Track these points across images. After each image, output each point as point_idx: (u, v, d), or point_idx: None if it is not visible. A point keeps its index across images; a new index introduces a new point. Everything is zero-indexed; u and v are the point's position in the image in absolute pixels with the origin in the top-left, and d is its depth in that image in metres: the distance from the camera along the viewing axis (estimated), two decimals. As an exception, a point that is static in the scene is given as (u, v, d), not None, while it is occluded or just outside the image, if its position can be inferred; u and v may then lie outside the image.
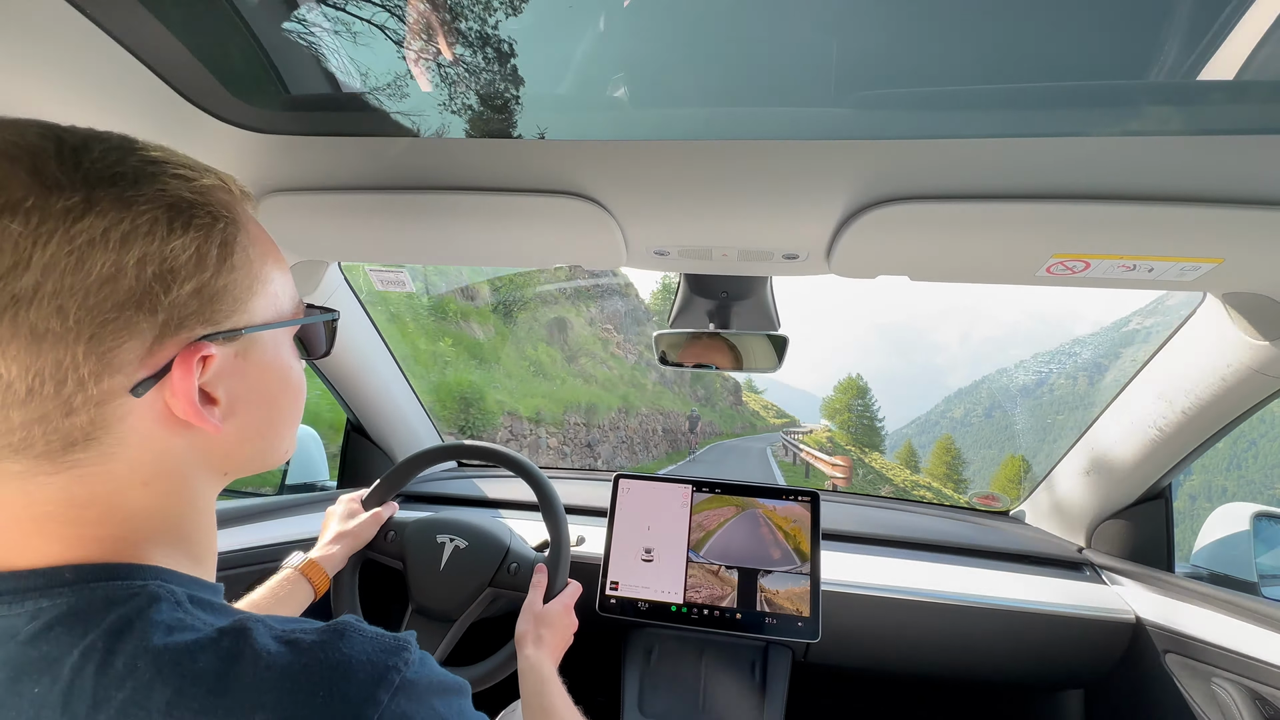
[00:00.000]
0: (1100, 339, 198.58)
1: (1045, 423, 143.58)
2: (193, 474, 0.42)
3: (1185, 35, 0.54)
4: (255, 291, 0.43)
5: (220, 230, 0.39)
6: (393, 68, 0.67)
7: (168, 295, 0.36)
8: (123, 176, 0.36)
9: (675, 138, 0.67)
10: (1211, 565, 1.21)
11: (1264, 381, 0.92)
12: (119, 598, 0.35)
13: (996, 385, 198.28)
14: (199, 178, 0.39)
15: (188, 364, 0.38)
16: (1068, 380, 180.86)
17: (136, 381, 0.36)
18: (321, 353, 0.56)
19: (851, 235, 0.76)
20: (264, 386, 0.45)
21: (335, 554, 0.95)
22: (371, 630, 0.39)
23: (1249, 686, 0.92)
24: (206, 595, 0.40)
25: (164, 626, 0.35)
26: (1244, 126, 0.60)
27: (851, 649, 1.24)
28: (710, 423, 34.05)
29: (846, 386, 66.05)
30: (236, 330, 0.41)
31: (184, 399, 0.38)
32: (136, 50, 0.60)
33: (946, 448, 65.11)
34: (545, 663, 0.84)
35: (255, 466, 0.47)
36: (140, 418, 0.37)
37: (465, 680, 0.42)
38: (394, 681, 0.36)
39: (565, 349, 19.04)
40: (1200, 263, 0.73)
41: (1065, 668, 1.23)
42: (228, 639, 0.35)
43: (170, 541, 0.40)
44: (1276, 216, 0.65)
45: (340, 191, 0.80)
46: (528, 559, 1.03)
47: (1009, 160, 0.65)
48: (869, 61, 0.61)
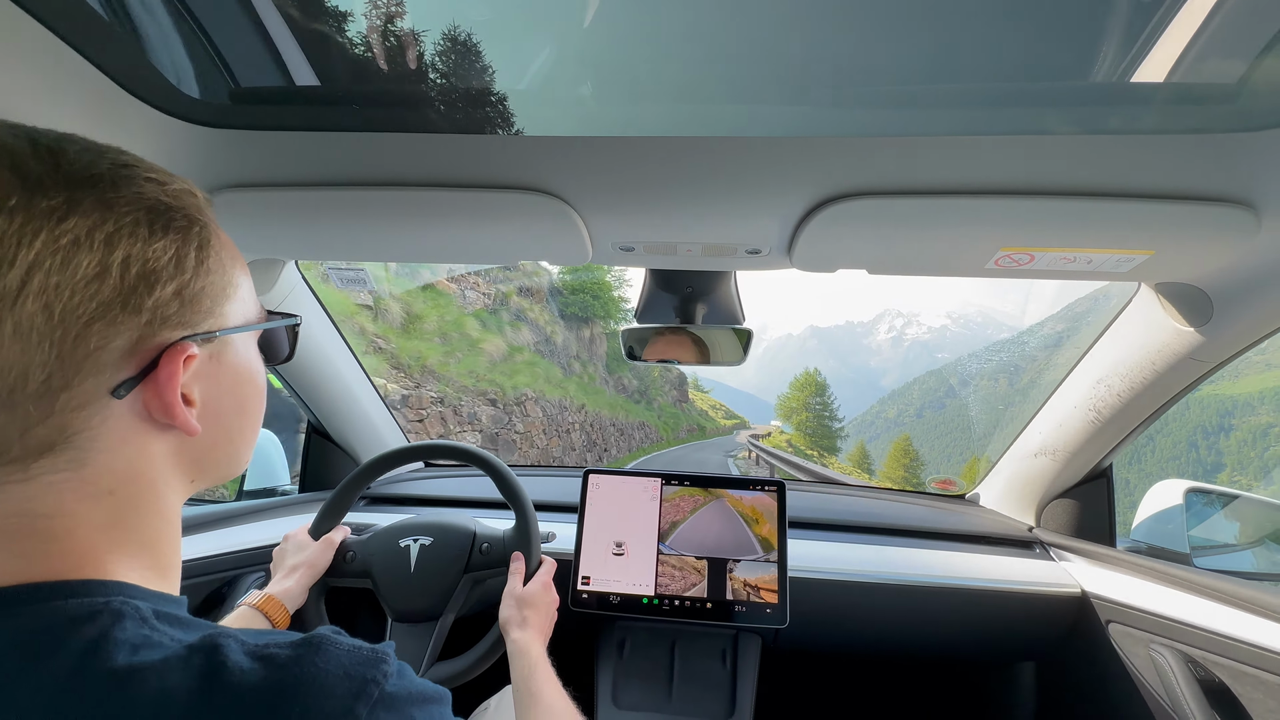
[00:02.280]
0: (1017, 343, 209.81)
1: (968, 420, 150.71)
2: (162, 481, 0.41)
3: (1121, 39, 0.58)
4: (228, 295, 0.43)
5: (196, 233, 0.40)
6: (349, 59, 0.65)
7: (151, 296, 0.37)
8: (101, 178, 0.36)
9: (639, 134, 0.68)
10: (1149, 539, 1.29)
11: (1193, 366, 0.98)
12: (81, 616, 0.34)
13: (926, 386, 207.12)
14: (171, 182, 0.40)
15: (174, 363, 0.38)
16: (989, 381, 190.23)
17: (119, 382, 0.36)
18: (283, 358, 0.56)
19: (811, 230, 0.78)
20: (236, 389, 0.46)
21: (292, 588, 0.91)
22: (349, 642, 0.38)
23: (1183, 650, 0.99)
24: (172, 610, 0.39)
25: (129, 645, 0.34)
26: (1173, 126, 0.64)
27: (818, 633, 1.27)
28: (643, 425, 24.70)
29: (804, 383, 59.30)
30: (212, 332, 0.41)
31: (169, 399, 0.38)
32: (69, 38, 0.58)
33: (905, 449, 57.51)
34: (533, 645, 0.84)
35: (221, 473, 0.47)
36: (119, 420, 0.37)
37: (445, 689, 0.42)
38: (372, 695, 0.36)
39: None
40: (1134, 254, 0.77)
41: (1018, 641, 1.29)
42: (198, 656, 0.34)
43: (134, 553, 0.40)
44: (1202, 210, 0.70)
45: (296, 188, 0.78)
46: (497, 536, 1.02)
47: (960, 157, 0.68)
48: (828, 60, 0.63)
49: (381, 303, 10.16)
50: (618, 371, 24.03)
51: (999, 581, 1.22)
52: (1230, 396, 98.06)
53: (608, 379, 22.68)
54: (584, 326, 21.28)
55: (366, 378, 1.46)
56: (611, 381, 23.52)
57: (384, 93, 0.69)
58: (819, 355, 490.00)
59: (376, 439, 1.52)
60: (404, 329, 10.82)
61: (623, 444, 20.00)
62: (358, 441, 1.49)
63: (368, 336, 9.20)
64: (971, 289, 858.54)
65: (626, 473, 1.27)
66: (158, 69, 0.65)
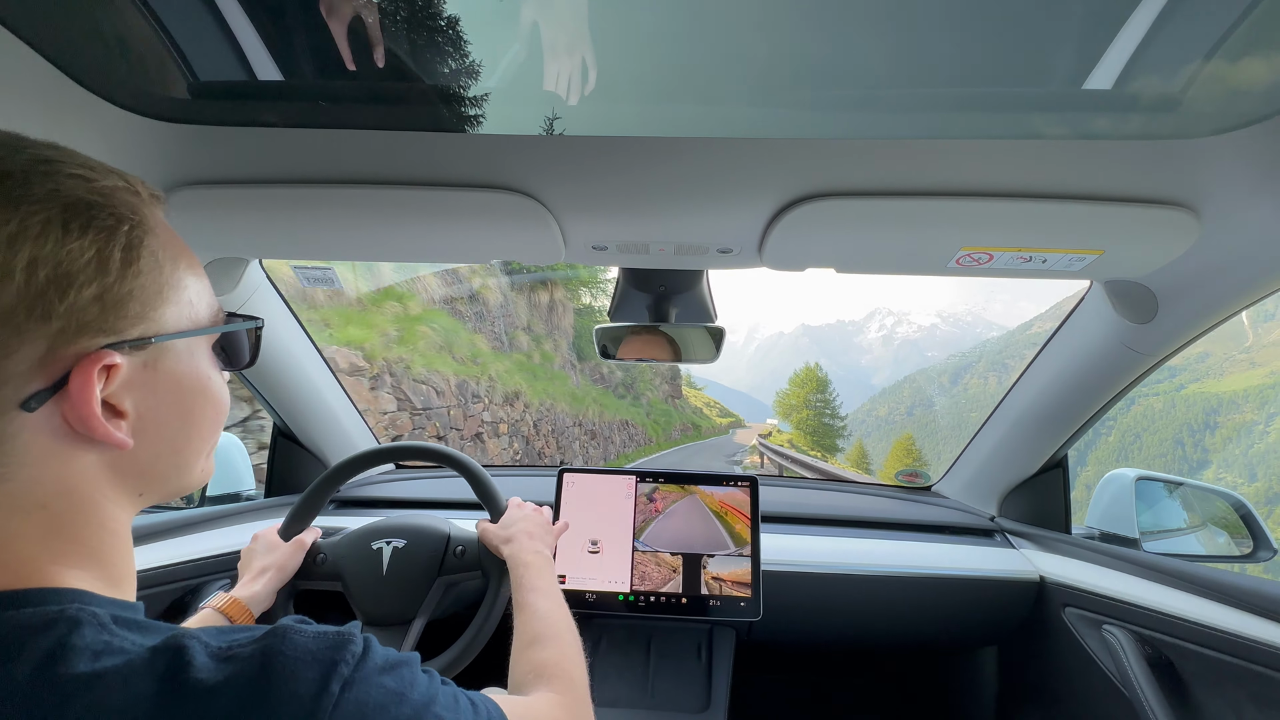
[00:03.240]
0: (1007, 341, 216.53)
1: (961, 419, 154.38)
2: (102, 494, 0.39)
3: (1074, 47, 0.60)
4: (166, 298, 0.40)
5: (125, 233, 0.37)
6: (314, 54, 0.64)
7: (63, 301, 0.34)
8: (9, 175, 0.34)
9: (611, 133, 0.68)
10: (1102, 525, 1.35)
11: (1139, 359, 1.03)
12: (36, 625, 0.33)
13: (916, 385, 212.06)
14: (99, 179, 0.37)
15: (87, 374, 0.35)
16: (980, 380, 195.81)
17: (29, 394, 0.34)
18: (244, 363, 0.53)
19: (781, 230, 0.79)
20: (178, 399, 0.42)
21: (259, 592, 0.88)
22: (313, 628, 0.38)
23: (1132, 630, 1.04)
24: (130, 614, 0.37)
25: (89, 653, 0.32)
26: (1121, 132, 0.67)
27: (790, 624, 1.30)
28: (626, 425, 19.75)
29: (805, 379, 53.69)
30: (145, 339, 0.39)
31: (85, 411, 0.35)
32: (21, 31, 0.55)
33: (908, 448, 54.16)
34: (520, 558, 0.84)
35: (172, 487, 0.45)
36: (36, 433, 0.35)
37: (413, 653, 0.43)
38: (343, 673, 0.36)
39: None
40: (1084, 254, 0.81)
41: (981, 627, 1.34)
42: (161, 659, 0.33)
43: (81, 564, 0.38)
44: (1147, 212, 0.73)
45: (259, 185, 0.76)
46: (472, 539, 1.00)
47: (922, 160, 0.70)
48: (795, 64, 0.65)
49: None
50: (591, 357, 17.68)
51: (962, 570, 1.27)
52: (1215, 395, 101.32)
53: (575, 364, 16.91)
54: (540, 289, 15.78)
55: (334, 379, 1.43)
56: (584, 369, 17.92)
57: (350, 89, 0.68)
58: (811, 354, 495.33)
59: (345, 441, 1.49)
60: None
61: (594, 451, 15.43)
62: (326, 444, 1.46)
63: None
64: (961, 289, 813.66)
65: (601, 471, 1.27)
66: (113, 63, 0.63)
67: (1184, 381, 25.04)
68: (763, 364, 45.88)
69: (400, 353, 7.50)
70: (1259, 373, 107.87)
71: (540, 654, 0.67)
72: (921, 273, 0.91)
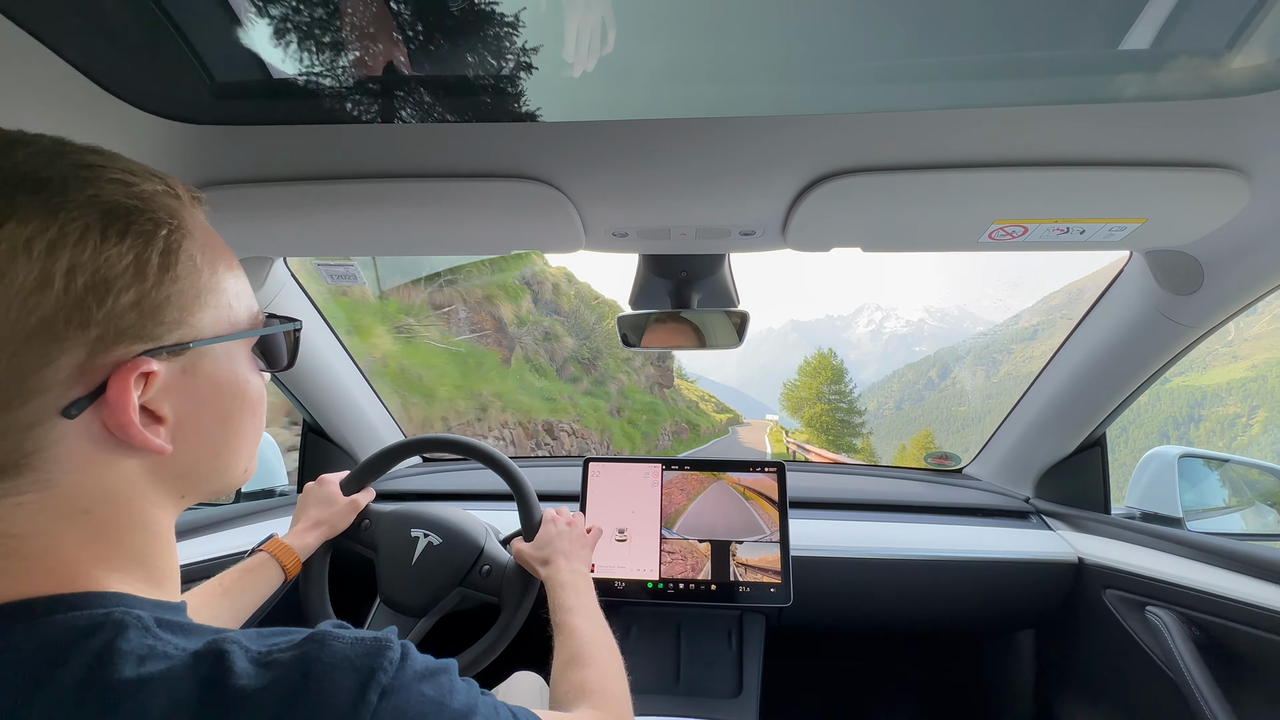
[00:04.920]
0: (994, 335, 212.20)
1: (948, 412, 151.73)
2: (144, 498, 0.39)
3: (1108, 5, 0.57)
4: (204, 302, 0.40)
5: (163, 238, 0.37)
6: (330, 50, 0.64)
7: (101, 308, 0.34)
8: (49, 182, 0.34)
9: (629, 116, 0.67)
10: (1143, 505, 1.31)
11: (1183, 332, 0.99)
12: (82, 629, 0.33)
13: (905, 379, 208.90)
14: (139, 182, 0.37)
15: (124, 382, 0.35)
16: (967, 374, 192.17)
17: (69, 402, 0.34)
18: (283, 365, 0.52)
19: (805, 209, 0.77)
20: (217, 403, 0.42)
21: (310, 543, 0.94)
22: (350, 634, 0.38)
23: (1178, 611, 1.01)
24: (174, 617, 0.38)
25: (134, 657, 0.33)
26: (1163, 93, 0.64)
27: (822, 610, 1.29)
28: (577, 433, 14.07)
29: (817, 367, 46.16)
30: (183, 344, 0.38)
31: (123, 419, 0.36)
32: (46, 38, 0.56)
33: (926, 446, 48.09)
34: (557, 579, 0.84)
35: (214, 488, 0.45)
36: (77, 440, 0.35)
37: (450, 660, 0.43)
38: (381, 682, 0.36)
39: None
40: (1126, 223, 0.78)
41: (1017, 610, 1.31)
42: (204, 665, 0.34)
43: (124, 566, 0.38)
44: (1193, 176, 0.70)
45: (281, 183, 0.77)
46: (500, 563, 1.01)
47: (951, 131, 0.68)
48: (815, 37, 0.62)
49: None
50: (536, 321, 12.37)
51: (997, 552, 1.24)
52: (1199, 387, 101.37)
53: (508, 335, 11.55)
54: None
55: (361, 374, 1.45)
56: (522, 342, 12.17)
57: (367, 83, 0.68)
58: (799, 349, 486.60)
59: (373, 436, 1.51)
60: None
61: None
62: (355, 439, 1.49)
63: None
64: (949, 284, 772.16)
65: (627, 460, 1.27)
66: (135, 66, 0.64)
67: (1168, 375, 24.39)
68: (751, 359, 44.47)
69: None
70: (1241, 366, 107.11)
71: (581, 673, 0.68)
72: (952, 249, 0.89)
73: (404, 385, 9.07)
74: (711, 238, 0.91)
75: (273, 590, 0.86)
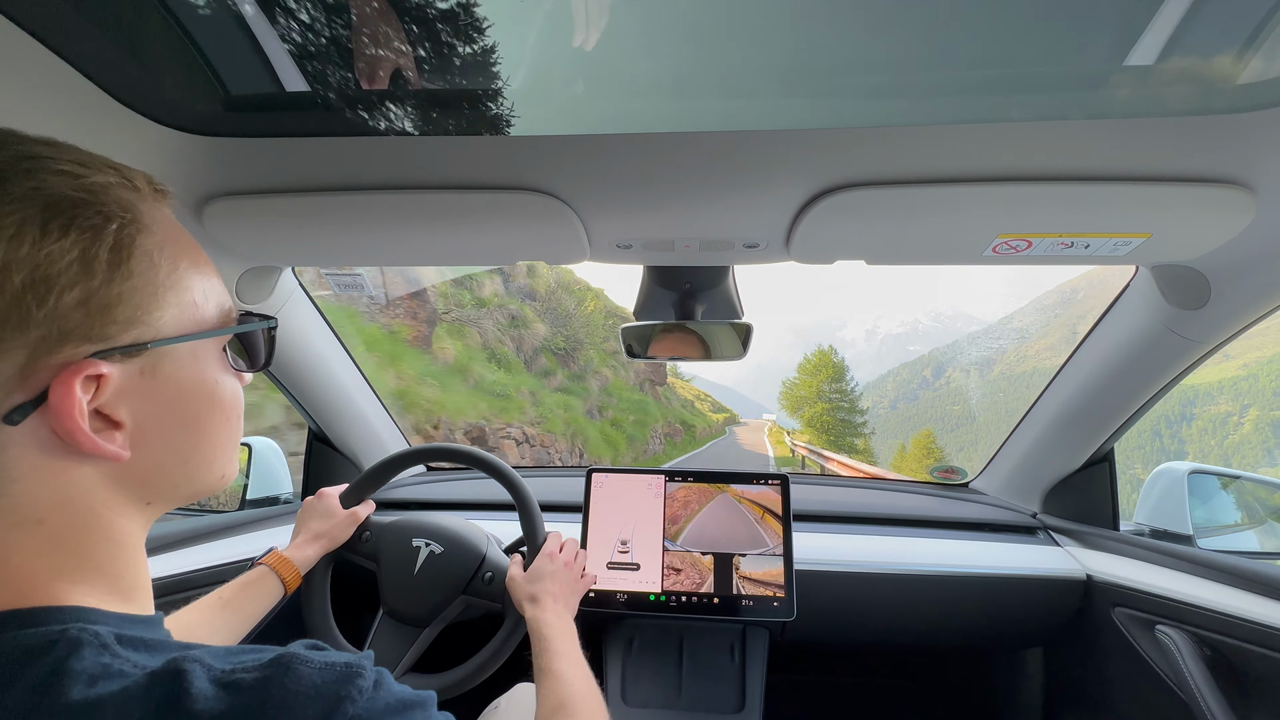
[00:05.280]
0: (988, 335, 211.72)
1: (942, 411, 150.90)
2: (104, 506, 0.37)
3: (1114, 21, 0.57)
4: (164, 300, 0.38)
5: (113, 232, 0.35)
6: (340, 65, 0.65)
7: (42, 307, 0.32)
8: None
9: (633, 130, 0.68)
10: (1152, 522, 1.29)
11: (1190, 347, 0.98)
12: (33, 648, 0.32)
13: (900, 379, 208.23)
14: (89, 174, 0.35)
15: (68, 386, 0.33)
16: (961, 374, 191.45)
17: (10, 408, 0.32)
18: (259, 364, 0.49)
19: (809, 222, 0.78)
20: (182, 406, 0.40)
21: (310, 556, 0.94)
22: (320, 659, 0.35)
23: (1189, 630, 0.99)
24: (138, 632, 0.36)
25: (86, 677, 0.31)
26: (1169, 108, 0.64)
27: (826, 624, 1.27)
28: (531, 438, 10.42)
29: (818, 365, 44.11)
30: (139, 344, 0.36)
31: (69, 424, 0.33)
32: (60, 49, 0.57)
33: (928, 447, 45.14)
34: (544, 617, 0.82)
35: (185, 494, 0.42)
36: (23, 448, 0.33)
37: (427, 693, 0.40)
38: (347, 712, 0.33)
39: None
40: (1131, 238, 0.77)
41: (1025, 627, 1.30)
42: (160, 686, 0.31)
43: (86, 578, 0.36)
44: (1199, 192, 0.70)
45: (290, 194, 0.78)
46: (503, 569, 1.00)
47: (955, 145, 0.68)
48: (820, 52, 0.63)
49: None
50: (502, 304, 11.16)
51: (1004, 568, 1.23)
52: (1192, 386, 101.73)
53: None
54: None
55: (367, 383, 1.46)
56: (481, 327, 10.81)
57: (375, 97, 0.69)
58: (795, 348, 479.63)
59: (378, 445, 1.51)
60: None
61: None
62: (360, 448, 1.49)
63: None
64: (944, 285, 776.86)
65: (630, 471, 1.27)
66: (149, 78, 0.65)
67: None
68: (747, 359, 44.56)
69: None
70: (1233, 365, 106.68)
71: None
72: (955, 262, 0.89)
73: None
74: (716, 250, 0.91)
75: (273, 604, 0.86)
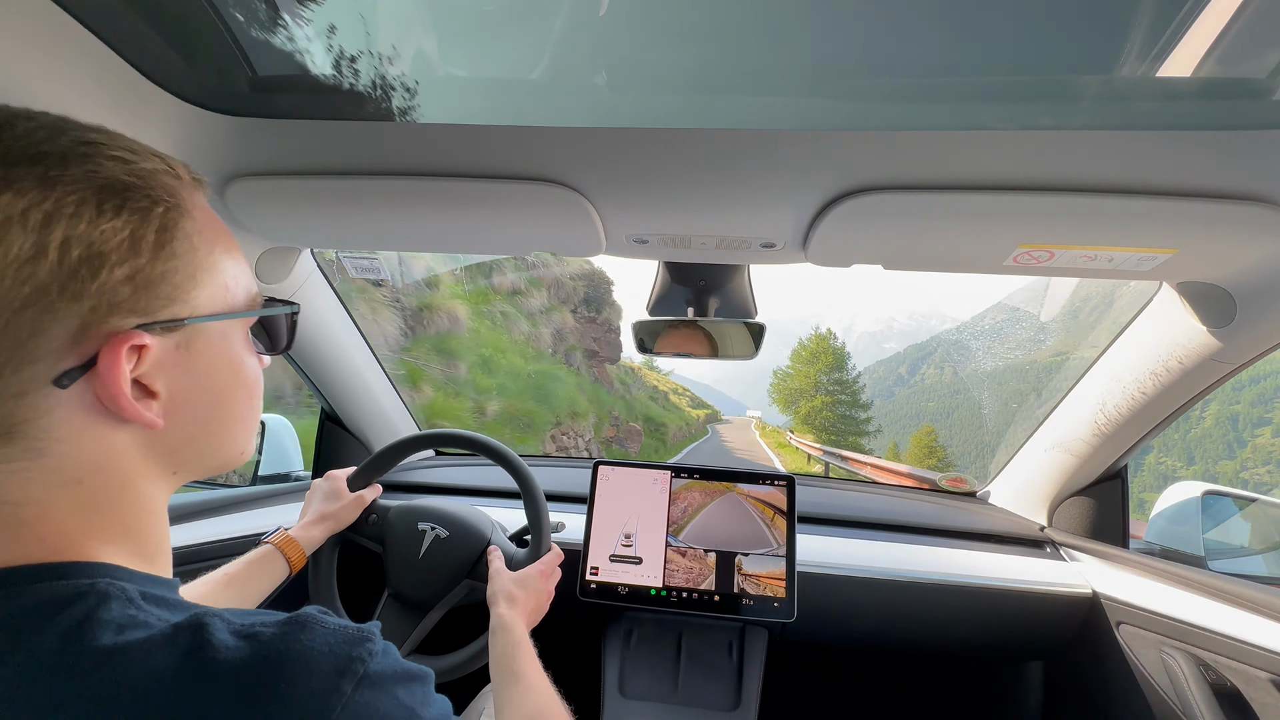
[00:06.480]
0: (961, 333, 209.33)
1: (917, 410, 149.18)
2: (135, 472, 0.40)
3: (1147, 32, 0.56)
4: (200, 281, 0.40)
5: (159, 215, 0.38)
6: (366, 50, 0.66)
7: (95, 280, 0.35)
8: (47, 155, 0.34)
9: (654, 124, 0.68)
10: (1163, 541, 1.27)
11: (1214, 367, 0.96)
12: (66, 598, 0.34)
13: (876, 376, 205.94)
14: (138, 161, 0.38)
15: (116, 353, 0.36)
16: (936, 370, 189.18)
17: (61, 372, 0.35)
18: (280, 348, 0.52)
19: (827, 224, 0.77)
20: (211, 381, 0.43)
21: (316, 536, 0.95)
22: (334, 621, 0.38)
23: (1195, 654, 0.98)
24: (160, 591, 0.38)
25: (114, 625, 0.33)
26: (1199, 122, 0.62)
27: (826, 627, 1.27)
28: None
29: (816, 351, 37.82)
30: (177, 320, 0.39)
31: (114, 390, 0.36)
32: (91, 24, 0.58)
33: (930, 446, 38.26)
34: (518, 624, 0.81)
35: (208, 466, 0.45)
36: (69, 410, 0.36)
37: (429, 669, 0.42)
38: (357, 672, 0.35)
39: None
40: (1156, 253, 0.76)
41: (1026, 640, 1.29)
42: (184, 635, 0.34)
43: (115, 538, 0.39)
44: (1227, 209, 0.68)
45: (312, 176, 0.79)
46: (507, 553, 1.02)
47: (980, 152, 0.67)
48: (846, 52, 0.62)
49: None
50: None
51: (1009, 580, 1.22)
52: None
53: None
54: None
55: (380, 366, 1.47)
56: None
57: (400, 82, 0.69)
58: (772, 347, 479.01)
59: (388, 427, 1.53)
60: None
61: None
62: (370, 429, 1.51)
63: None
64: (916, 284, 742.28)
65: (636, 465, 1.27)
66: (178, 56, 0.66)
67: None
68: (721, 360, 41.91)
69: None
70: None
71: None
72: (975, 271, 0.88)
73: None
74: (732, 248, 0.91)
75: (278, 583, 0.87)
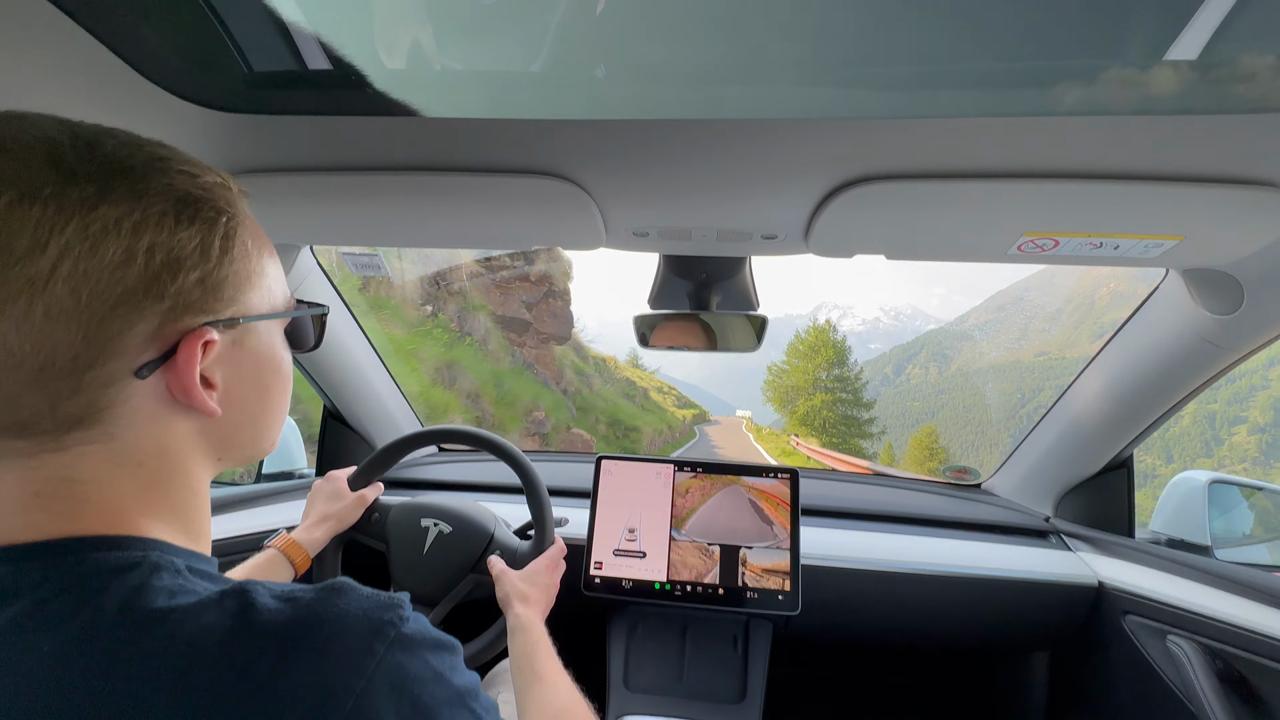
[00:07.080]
0: (945, 333, 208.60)
1: (904, 409, 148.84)
2: (188, 456, 0.44)
3: (1152, 15, 0.55)
4: (252, 284, 0.45)
5: (224, 224, 0.42)
6: (363, 44, 0.65)
7: (174, 283, 0.38)
8: (133, 170, 0.38)
9: (655, 116, 0.67)
10: (1169, 530, 1.27)
11: (1221, 354, 0.96)
12: (121, 566, 0.37)
13: (863, 376, 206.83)
14: (202, 175, 0.42)
15: (192, 347, 0.40)
16: (921, 370, 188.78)
17: (141, 364, 0.38)
18: (309, 346, 0.57)
19: (829, 214, 0.76)
20: (257, 375, 0.47)
21: (319, 538, 0.96)
22: (367, 589, 0.40)
23: (1201, 642, 0.98)
24: (204, 566, 0.41)
25: (166, 591, 0.36)
26: (1206, 106, 0.61)
27: (830, 620, 1.27)
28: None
29: (815, 345, 35.28)
30: (235, 319, 0.43)
31: (187, 382, 0.40)
32: (84, 21, 0.58)
33: (930, 446, 36.81)
34: (536, 623, 0.83)
35: (246, 453, 0.50)
36: (143, 399, 0.39)
37: (457, 640, 0.43)
38: (389, 635, 0.38)
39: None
40: (1163, 240, 0.75)
41: (1032, 631, 1.28)
42: (230, 599, 0.37)
43: (166, 518, 0.42)
44: (1235, 194, 0.67)
45: (311, 172, 0.78)
46: (510, 547, 1.02)
47: (983, 139, 0.66)
48: (846, 40, 0.61)
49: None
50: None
51: (1014, 571, 1.21)
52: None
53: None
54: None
55: (382, 363, 1.47)
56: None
57: (397, 76, 0.68)
58: (760, 349, 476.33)
59: (390, 424, 1.53)
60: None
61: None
62: (373, 426, 1.51)
63: None
64: (901, 283, 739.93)
65: (639, 459, 1.27)
66: (171, 53, 0.65)
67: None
68: (709, 358, 39.73)
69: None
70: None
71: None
72: (980, 259, 0.87)
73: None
74: (733, 240, 0.90)
75: None
